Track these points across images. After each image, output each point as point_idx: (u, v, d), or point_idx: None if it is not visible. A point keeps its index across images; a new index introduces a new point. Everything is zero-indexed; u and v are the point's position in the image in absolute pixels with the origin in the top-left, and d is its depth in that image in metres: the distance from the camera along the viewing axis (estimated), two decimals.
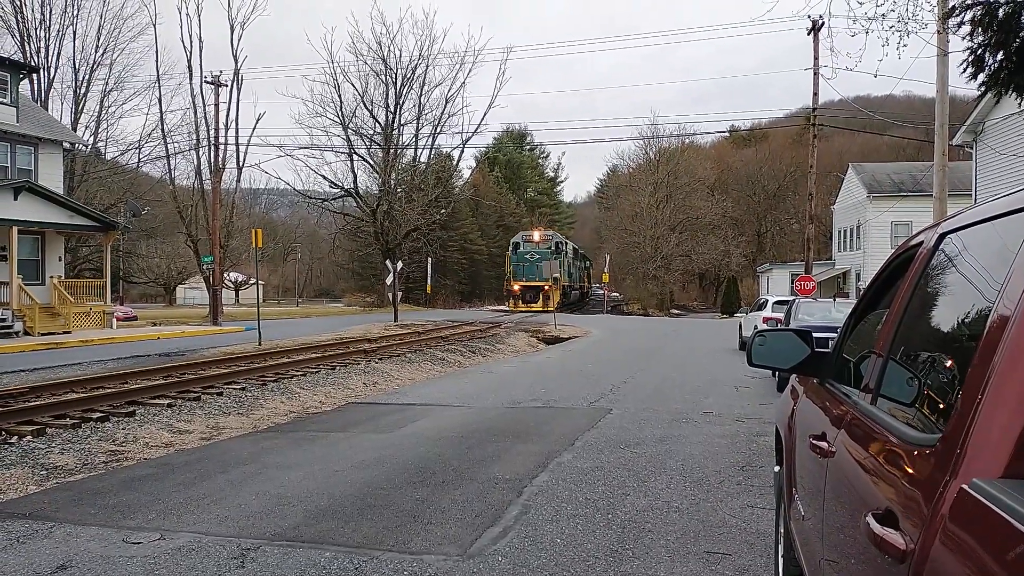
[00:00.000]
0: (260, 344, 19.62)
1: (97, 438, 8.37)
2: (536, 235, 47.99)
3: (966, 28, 8.83)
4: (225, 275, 42.24)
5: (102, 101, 44.54)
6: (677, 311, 60.20)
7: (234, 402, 10.87)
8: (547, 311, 39.59)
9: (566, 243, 51.31)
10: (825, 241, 54.34)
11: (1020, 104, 9.85)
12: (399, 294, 37.06)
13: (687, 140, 69.00)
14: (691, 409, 10.79)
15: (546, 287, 41.29)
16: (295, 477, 6.77)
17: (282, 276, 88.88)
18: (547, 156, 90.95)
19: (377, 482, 6.58)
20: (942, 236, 2.18)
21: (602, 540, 5.08)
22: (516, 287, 44.46)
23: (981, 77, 9.13)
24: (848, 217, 44.41)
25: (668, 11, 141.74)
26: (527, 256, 44.74)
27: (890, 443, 1.85)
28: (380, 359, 16.50)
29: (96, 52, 43.39)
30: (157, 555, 4.75)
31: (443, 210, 54.81)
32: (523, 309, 43.02)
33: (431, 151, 55.23)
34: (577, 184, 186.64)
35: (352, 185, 52.39)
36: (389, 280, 33.45)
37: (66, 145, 31.21)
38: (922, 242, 2.38)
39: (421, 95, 51.84)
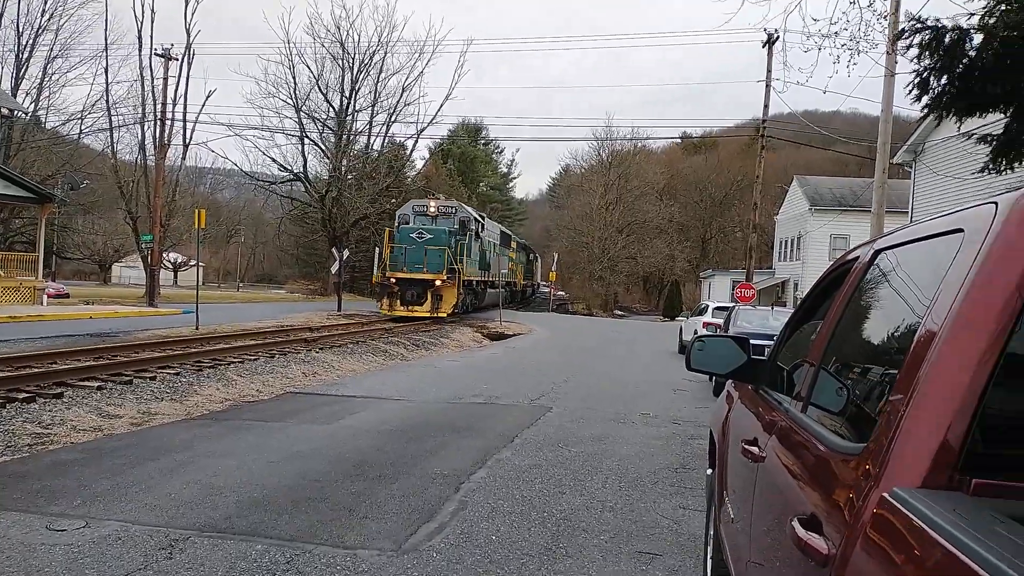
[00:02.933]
0: (197, 328, 19.17)
1: (22, 420, 8.08)
2: (432, 205, 31.29)
3: (914, 51, 9.10)
4: (164, 255, 41.13)
5: (45, 68, 42.99)
6: (621, 312, 60.84)
7: (168, 387, 10.61)
8: (437, 316, 27.09)
9: (483, 221, 35.38)
10: (767, 250, 55.54)
11: (959, 127, 10.21)
12: (344, 283, 36.59)
13: (640, 144, 69.87)
14: (629, 410, 10.92)
15: (437, 282, 26.98)
16: (228, 466, 6.64)
17: (224, 259, 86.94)
18: (502, 152, 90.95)
19: (313, 474, 6.50)
20: (877, 252, 2.25)
21: (537, 538, 5.11)
22: (392, 280, 27.49)
23: (925, 99, 9.43)
24: (790, 228, 45.49)
25: (629, 15, 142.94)
26: (413, 235, 28.08)
27: (817, 451, 1.91)
28: (321, 349, 16.29)
29: (42, 16, 41.88)
30: (82, 543, 4.61)
31: (394, 199, 54.16)
32: (401, 312, 27.15)
33: (385, 139, 54.70)
34: (530, 181, 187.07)
35: (302, 169, 51.57)
36: (334, 268, 32.43)
37: (4, 111, 29.95)
38: (858, 257, 2.45)
39: (378, 82, 51.26)
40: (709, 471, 4.13)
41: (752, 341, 3.47)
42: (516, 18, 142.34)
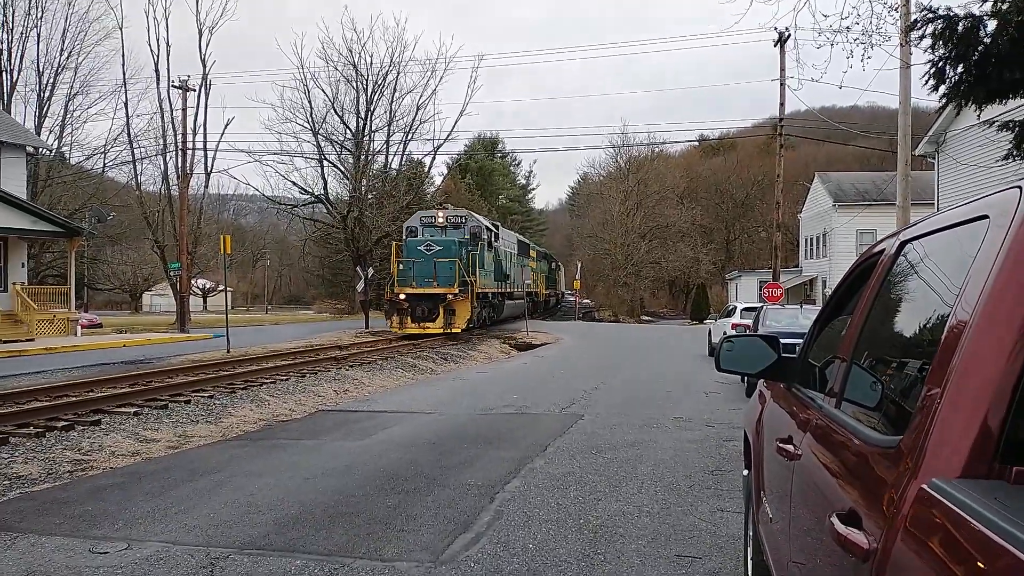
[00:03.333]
0: (229, 351, 19.39)
1: (62, 447, 8.23)
2: (440, 215, 29.11)
3: (928, 41, 9.04)
4: (193, 282, 41.62)
5: (67, 105, 43.81)
6: (648, 318, 60.53)
7: (202, 410, 10.74)
8: (451, 333, 25.31)
9: (496, 231, 32.75)
10: (792, 249, 55.05)
11: (979, 116, 10.10)
12: (370, 301, 36.74)
13: (657, 149, 69.61)
14: (662, 414, 10.86)
15: (449, 296, 25.08)
16: (265, 485, 6.71)
17: (251, 283, 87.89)
18: (519, 164, 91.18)
19: (348, 489, 6.55)
20: (903, 244, 2.24)
21: (574, 545, 5.11)
22: (401, 296, 25.72)
23: (942, 89, 9.35)
24: (814, 225, 45.08)
25: (638, 21, 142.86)
26: (421, 248, 26.47)
27: (853, 445, 1.90)
28: (351, 366, 16.40)
29: (61, 55, 42.71)
30: (124, 565, 4.68)
31: None
32: (412, 329, 25.53)
33: (402, 158, 54.98)
34: (549, 192, 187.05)
35: (322, 191, 51.94)
36: (360, 287, 32.84)
37: (29, 149, 30.64)
38: (884, 250, 2.45)
39: (392, 101, 51.57)
40: (745, 472, 4.11)
41: (782, 340, 3.46)
42: (524, 32, 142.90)
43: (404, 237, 28.62)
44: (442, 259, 25.53)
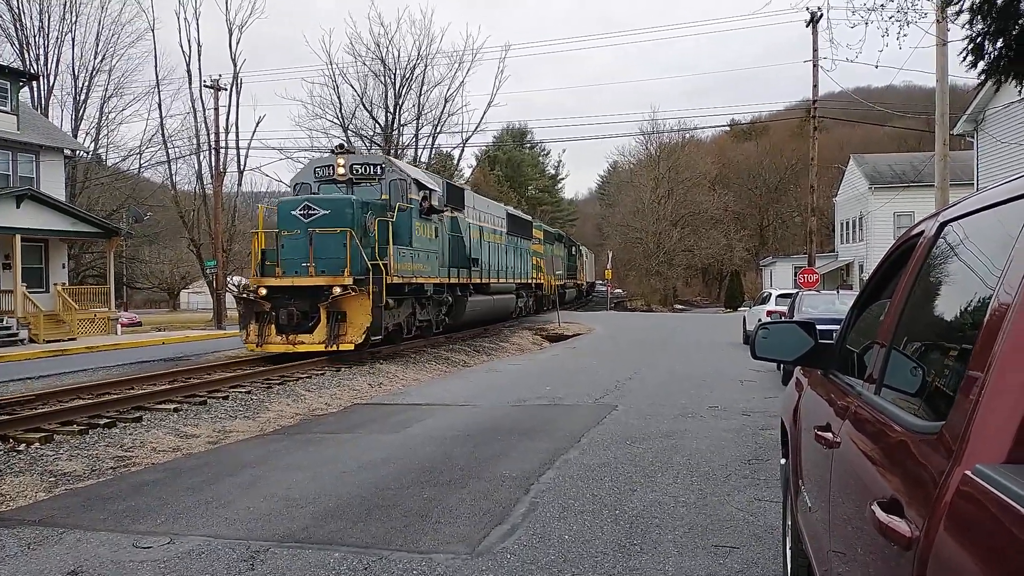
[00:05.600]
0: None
1: (105, 444, 8.40)
2: (341, 163, 18.09)
3: (965, 16, 8.82)
4: (229, 279, 42.28)
5: (102, 107, 44.64)
6: (681, 306, 60.16)
7: (240, 405, 10.90)
8: (338, 351, 15.57)
9: (457, 192, 22.65)
10: (828, 233, 54.27)
11: (1020, 92, 9.84)
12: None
13: (687, 135, 68.97)
14: (696, 404, 10.79)
15: (336, 289, 15.44)
16: (303, 479, 6.79)
17: None
18: (547, 154, 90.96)
19: (384, 482, 6.60)
20: (943, 225, 2.18)
21: (610, 536, 5.09)
22: (261, 291, 15.91)
23: (981, 65, 9.11)
24: (850, 209, 44.35)
25: (665, 5, 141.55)
26: (296, 214, 16.14)
27: (894, 432, 1.86)
28: (385, 360, 16.51)
29: (95, 58, 43.46)
30: (167, 559, 4.77)
31: None
32: (276, 346, 15.68)
33: (431, 151, 55.14)
34: (578, 181, 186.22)
35: None
36: None
37: (67, 152, 31.30)
38: (923, 231, 2.39)
39: (420, 95, 51.71)
40: (782, 461, 4.06)
41: (819, 326, 3.40)
42: (552, 20, 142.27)
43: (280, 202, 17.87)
44: (326, 230, 15.51)
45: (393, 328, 17.61)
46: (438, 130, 52.91)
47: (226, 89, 38.42)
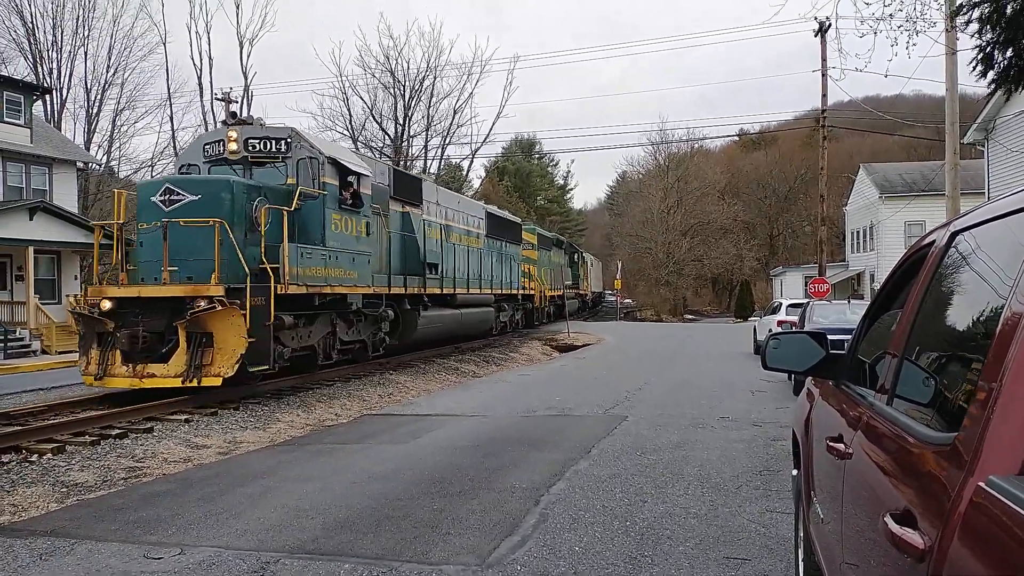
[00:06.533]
0: None
1: (116, 454, 8.43)
2: (233, 136, 13.21)
3: (974, 26, 8.82)
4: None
5: (114, 120, 45.09)
6: (690, 316, 60.00)
7: (251, 416, 10.92)
8: (200, 386, 10.95)
9: (417, 181, 19.60)
10: (838, 243, 54.09)
11: None
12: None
13: (696, 145, 69.00)
14: (707, 414, 10.75)
15: (201, 302, 10.87)
16: (313, 489, 6.79)
17: None
18: (556, 164, 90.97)
19: (394, 493, 6.60)
20: (954, 234, 2.18)
21: (621, 547, 5.07)
22: (104, 304, 11.23)
23: (991, 75, 9.10)
24: (861, 218, 44.20)
25: (674, 16, 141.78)
26: (157, 201, 11.76)
27: (907, 443, 1.86)
28: (394, 370, 16.53)
29: (107, 72, 43.95)
30: (178, 570, 4.78)
31: None
32: (121, 379, 11.16)
33: (441, 162, 55.39)
34: (587, 191, 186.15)
35: None
36: None
37: (80, 165, 31.57)
38: (934, 241, 2.38)
39: (430, 106, 51.97)
40: (794, 472, 4.04)
41: (830, 336, 3.40)
42: (560, 31, 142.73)
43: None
44: (192, 221, 11.48)
45: (300, 353, 13.47)
46: (447, 141, 53.12)
47: (237, 101, 38.69)
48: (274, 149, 13.63)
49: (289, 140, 13.59)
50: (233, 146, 13.34)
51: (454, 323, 20.74)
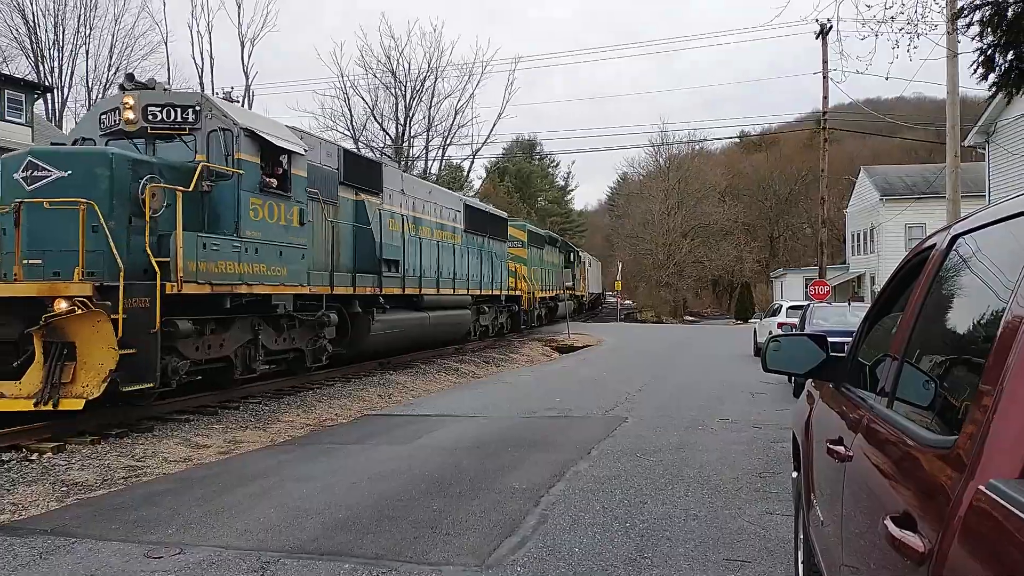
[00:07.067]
0: None
1: (116, 454, 8.43)
2: (130, 104, 10.97)
3: (975, 29, 8.84)
4: None
5: None
6: (691, 318, 59.99)
7: (251, 415, 10.92)
8: (54, 410, 8.53)
9: (371, 163, 17.94)
10: (838, 245, 54.10)
11: None
12: None
13: (697, 146, 69.01)
14: (707, 416, 10.75)
15: (62, 304, 8.59)
16: (313, 489, 6.79)
17: None
18: (557, 165, 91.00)
19: (394, 493, 6.60)
20: (955, 238, 2.18)
21: (621, 549, 5.07)
22: None
23: (992, 78, 9.12)
24: (861, 220, 44.20)
25: (675, 18, 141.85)
26: (19, 178, 9.51)
27: (907, 446, 1.86)
28: (395, 370, 16.53)
29: (109, 71, 44.09)
30: (178, 569, 4.78)
31: None
32: None
33: (441, 162, 55.42)
34: (588, 192, 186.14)
35: None
36: None
37: None
38: (935, 244, 2.39)
39: (430, 107, 52.02)
40: (794, 474, 4.05)
41: (830, 339, 3.40)
42: (560, 32, 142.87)
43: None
44: (60, 204, 9.40)
45: (211, 366, 11.52)
46: (448, 142, 53.15)
47: (238, 101, 38.71)
48: (179, 119, 11.28)
49: (197, 108, 11.27)
50: (130, 115, 11.07)
51: (418, 328, 18.23)
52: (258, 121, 12.23)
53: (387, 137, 52.66)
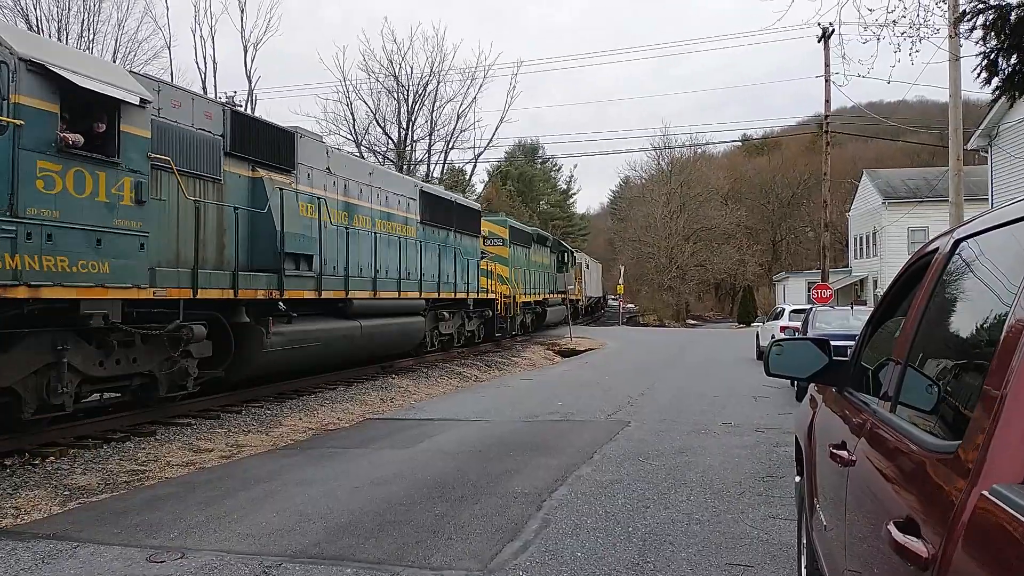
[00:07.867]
0: None
1: (119, 458, 8.44)
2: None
3: (978, 32, 8.84)
4: None
5: None
6: (693, 321, 59.92)
7: (253, 420, 10.93)
8: None
9: (300, 148, 13.20)
10: (841, 248, 54.02)
11: None
12: None
13: (699, 150, 69.01)
14: (710, 420, 10.73)
15: None
16: (315, 494, 6.79)
17: None
18: (559, 169, 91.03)
19: (396, 498, 6.59)
20: (957, 242, 2.18)
21: (623, 553, 5.06)
22: None
23: (995, 81, 9.11)
24: (864, 224, 44.15)
25: (677, 21, 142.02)
26: None
27: (910, 450, 1.85)
28: (397, 374, 16.53)
29: None
30: (180, 573, 4.78)
31: None
32: None
33: (444, 166, 55.42)
34: (590, 196, 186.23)
35: None
36: None
37: None
38: (937, 248, 2.38)
39: (433, 111, 52.00)
40: (797, 478, 4.03)
41: (833, 342, 3.39)
42: (562, 36, 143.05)
43: None
44: None
45: None
46: (450, 146, 53.10)
47: (242, 106, 38.82)
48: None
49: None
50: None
51: (344, 341, 14.34)
52: (59, 53, 8.67)
53: (389, 141, 52.70)
